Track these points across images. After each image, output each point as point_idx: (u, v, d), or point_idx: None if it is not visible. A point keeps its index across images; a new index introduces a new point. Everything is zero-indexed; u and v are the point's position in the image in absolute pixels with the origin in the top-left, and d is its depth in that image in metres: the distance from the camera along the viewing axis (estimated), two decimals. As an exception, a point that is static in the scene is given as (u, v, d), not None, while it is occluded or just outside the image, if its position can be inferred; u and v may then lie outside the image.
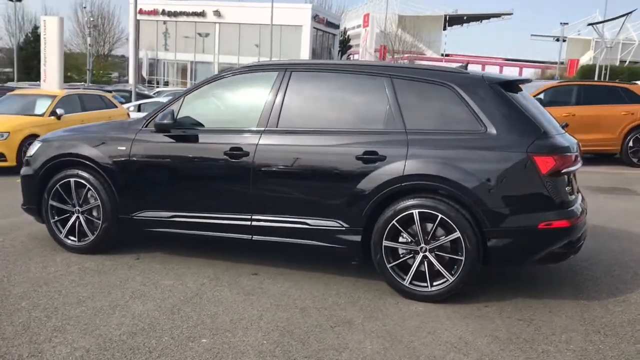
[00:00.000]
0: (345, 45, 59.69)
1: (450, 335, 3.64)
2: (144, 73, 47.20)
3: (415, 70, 4.41)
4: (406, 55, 57.34)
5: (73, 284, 4.37)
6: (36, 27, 60.79)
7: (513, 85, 4.41)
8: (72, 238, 5.14)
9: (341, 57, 55.00)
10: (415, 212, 4.11)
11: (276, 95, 4.58)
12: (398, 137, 4.21)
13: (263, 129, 4.55)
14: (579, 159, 4.36)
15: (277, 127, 4.53)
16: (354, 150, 4.25)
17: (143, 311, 3.87)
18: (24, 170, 5.36)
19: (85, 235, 5.10)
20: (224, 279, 4.54)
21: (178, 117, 4.80)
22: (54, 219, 5.18)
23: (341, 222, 4.31)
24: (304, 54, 45.03)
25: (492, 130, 4.07)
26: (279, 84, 4.60)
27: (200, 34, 51.00)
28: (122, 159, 4.90)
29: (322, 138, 4.40)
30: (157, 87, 41.80)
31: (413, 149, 4.14)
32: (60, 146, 5.18)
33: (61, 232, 5.16)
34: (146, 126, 4.89)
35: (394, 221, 4.16)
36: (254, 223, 4.55)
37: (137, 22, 47.70)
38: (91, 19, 51.19)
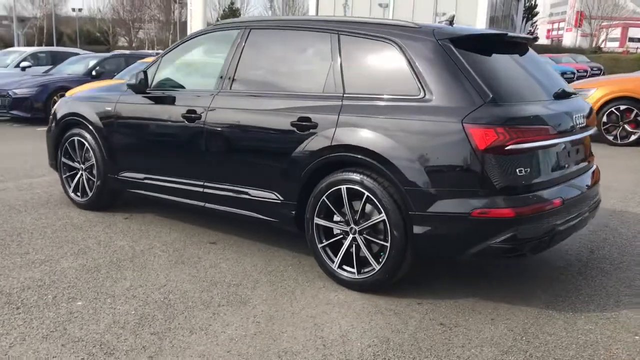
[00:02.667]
0: (530, 12, 55.02)
1: (336, 331, 3.14)
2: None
3: (362, 25, 3.79)
4: (604, 23, 51.43)
5: (41, 236, 4.58)
6: (232, 3, 65.54)
7: (481, 41, 3.61)
8: (78, 194, 5.40)
9: (525, 24, 50.88)
10: (343, 188, 3.60)
11: (232, 55, 4.29)
12: (334, 102, 3.70)
13: (218, 91, 4.30)
14: (562, 132, 3.48)
15: (230, 89, 4.25)
16: (291, 116, 3.83)
17: (65, 268, 3.92)
18: (48, 128, 5.73)
19: (86, 192, 5.33)
20: (176, 245, 4.44)
21: (155, 78, 4.75)
22: (65, 174, 5.49)
23: (277, 195, 3.94)
24: (480, 22, 42.44)
25: (430, 96, 3.37)
26: (237, 43, 4.30)
27: (380, 5, 50.70)
28: (108, 119, 4.99)
29: (265, 101, 4.02)
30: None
31: (344, 116, 3.61)
32: (70, 105, 5.43)
33: (70, 187, 5.45)
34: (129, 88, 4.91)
35: (324, 197, 3.69)
36: (206, 190, 4.36)
37: (318, -6, 48.94)
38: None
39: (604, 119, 10.15)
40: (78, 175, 5.36)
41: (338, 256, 3.69)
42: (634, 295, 3.69)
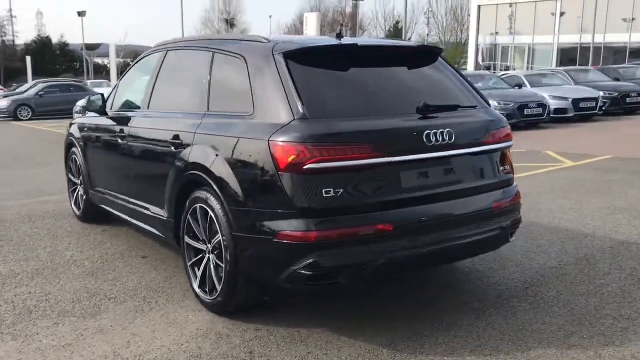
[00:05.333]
0: None
1: (140, 349, 3.11)
2: (480, 59, 46.44)
3: (226, 43, 3.74)
4: None
5: (16, 243, 5.12)
6: (397, 22, 66.09)
7: (325, 54, 3.36)
8: (75, 207, 5.95)
9: None
10: (197, 206, 3.57)
11: (152, 76, 4.47)
12: (196, 120, 3.70)
13: (139, 111, 4.52)
14: (402, 150, 3.10)
15: (147, 109, 4.44)
16: (169, 134, 3.90)
17: (-9, 273, 4.37)
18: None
19: (79, 205, 5.85)
20: (108, 257, 4.68)
21: (114, 101, 5.10)
22: (70, 189, 6.09)
23: (164, 211, 4.02)
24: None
25: (255, 113, 3.23)
26: (157, 64, 4.48)
27: (552, 14, 47.60)
28: (85, 138, 5.46)
29: (160, 120, 4.15)
30: (494, 71, 40.66)
31: (198, 135, 3.59)
32: (71, 127, 6.01)
33: (72, 200, 6.03)
34: (98, 108, 5.31)
35: (188, 215, 3.69)
36: (130, 205, 4.57)
37: (478, 8, 47.50)
38: (430, 10, 53.02)
39: None
40: (77, 190, 5.90)
41: (197, 276, 3.65)
42: (510, 340, 3.15)
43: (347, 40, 3.54)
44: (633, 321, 3.35)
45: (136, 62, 5.07)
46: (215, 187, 3.33)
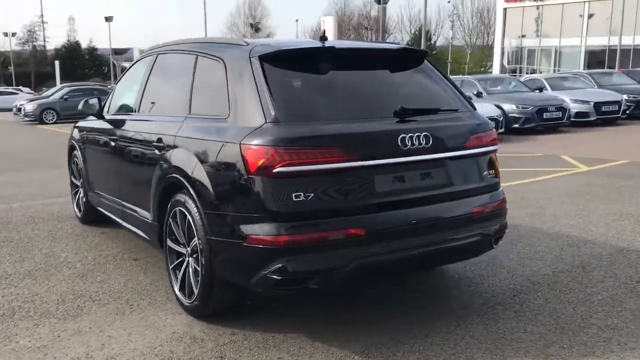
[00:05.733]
0: None
1: (113, 351, 3.12)
2: (505, 62, 45.87)
3: (209, 45, 3.73)
4: None
5: (16, 244, 5.18)
6: (419, 28, 65.73)
7: (302, 56, 3.32)
8: (77, 209, 6.02)
9: None
10: (177, 209, 3.57)
11: (143, 79, 4.50)
12: (178, 123, 3.70)
13: (131, 115, 4.54)
14: (374, 155, 3.05)
15: (138, 112, 4.46)
16: (154, 137, 3.91)
17: (-15, 273, 4.43)
18: (70, 152, 6.45)
19: (80, 207, 5.92)
20: (100, 260, 4.71)
21: (111, 105, 5.14)
22: (72, 191, 6.16)
23: (150, 214, 4.03)
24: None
25: (231, 116, 3.22)
26: (148, 68, 4.50)
27: (580, 15, 46.77)
28: (83, 141, 5.52)
29: (146, 124, 4.18)
30: (520, 75, 40.09)
31: (179, 138, 3.60)
32: (74, 130, 6.08)
33: (74, 203, 6.10)
34: (96, 112, 5.37)
35: (169, 218, 3.69)
36: (121, 208, 4.60)
37: (504, 10, 46.89)
38: (455, 13, 52.56)
39: None
40: (78, 192, 5.97)
41: (178, 279, 3.65)
42: (487, 349, 3.07)
43: (328, 43, 3.50)
44: (618, 331, 3.24)
45: (131, 66, 5.11)
46: (191, 190, 3.32)
